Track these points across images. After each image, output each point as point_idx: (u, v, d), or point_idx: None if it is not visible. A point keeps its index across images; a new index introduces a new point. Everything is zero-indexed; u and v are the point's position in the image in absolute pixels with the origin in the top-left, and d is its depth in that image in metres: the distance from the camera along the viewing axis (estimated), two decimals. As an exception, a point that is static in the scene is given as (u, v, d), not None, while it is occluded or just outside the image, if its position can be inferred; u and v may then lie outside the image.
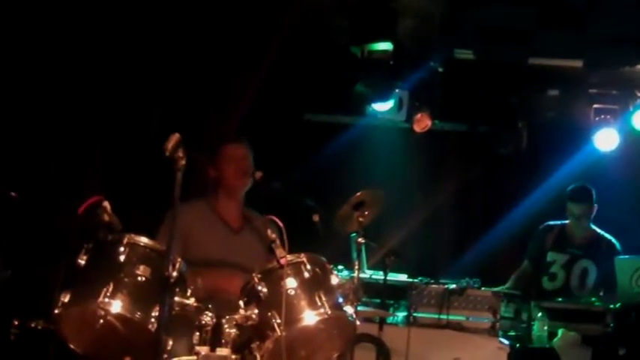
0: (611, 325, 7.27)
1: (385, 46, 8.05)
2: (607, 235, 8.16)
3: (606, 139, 9.23)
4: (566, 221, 8.25)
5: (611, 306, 7.39)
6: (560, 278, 8.13)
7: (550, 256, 8.20)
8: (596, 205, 8.10)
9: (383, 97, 8.89)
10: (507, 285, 8.08)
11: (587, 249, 8.15)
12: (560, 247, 8.20)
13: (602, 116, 9.22)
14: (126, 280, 4.59)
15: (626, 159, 9.41)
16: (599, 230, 8.19)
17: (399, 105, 9.30)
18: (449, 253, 9.86)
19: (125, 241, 4.68)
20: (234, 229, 5.94)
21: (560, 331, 7.15)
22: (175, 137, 4.41)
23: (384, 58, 8.12)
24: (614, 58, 8.20)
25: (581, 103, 9.40)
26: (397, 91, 8.99)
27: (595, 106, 9.29)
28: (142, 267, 4.63)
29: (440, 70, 8.95)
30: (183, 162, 4.40)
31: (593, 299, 7.61)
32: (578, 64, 8.49)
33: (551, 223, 8.34)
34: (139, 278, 4.62)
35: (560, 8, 7.43)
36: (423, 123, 9.42)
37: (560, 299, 7.76)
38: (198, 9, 7.69)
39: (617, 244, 8.09)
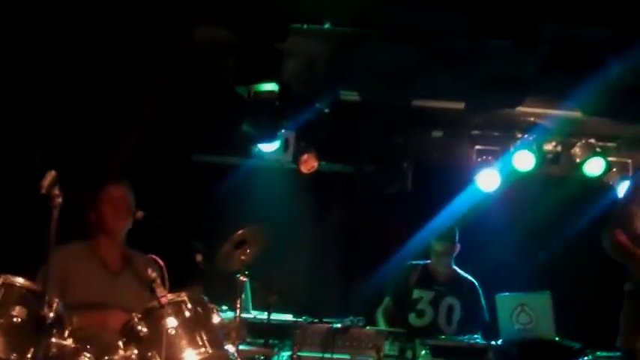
0: (493, 361, 7.42)
1: (271, 86, 8.10)
2: (467, 276, 8.42)
3: (488, 180, 9.42)
4: (429, 261, 8.43)
5: (493, 342, 7.52)
6: (428, 315, 8.30)
7: (416, 293, 8.36)
8: (459, 244, 8.30)
9: (269, 138, 8.92)
10: (381, 324, 8.19)
11: (450, 286, 8.38)
12: (425, 285, 8.38)
13: (484, 157, 9.42)
14: (1, 321, 4.52)
15: (508, 199, 9.61)
16: (459, 270, 8.44)
17: (285, 146, 9.34)
18: (334, 292, 9.89)
19: (0, 281, 4.62)
20: (114, 271, 5.88)
21: (443, 369, 7.24)
22: (52, 175, 4.38)
23: (270, 98, 8.17)
24: (495, 100, 8.35)
25: (464, 144, 9.59)
26: (283, 131, 8.99)
27: (477, 147, 9.50)
28: (17, 308, 4.57)
29: (326, 111, 9.03)
30: (59, 200, 4.37)
31: (475, 336, 7.74)
32: (459, 105, 8.64)
33: (414, 262, 8.55)
34: (15, 319, 4.55)
35: (441, 51, 7.58)
36: (309, 164, 9.45)
37: (443, 337, 7.88)
38: (86, 43, 7.59)
39: (477, 285, 8.33)
